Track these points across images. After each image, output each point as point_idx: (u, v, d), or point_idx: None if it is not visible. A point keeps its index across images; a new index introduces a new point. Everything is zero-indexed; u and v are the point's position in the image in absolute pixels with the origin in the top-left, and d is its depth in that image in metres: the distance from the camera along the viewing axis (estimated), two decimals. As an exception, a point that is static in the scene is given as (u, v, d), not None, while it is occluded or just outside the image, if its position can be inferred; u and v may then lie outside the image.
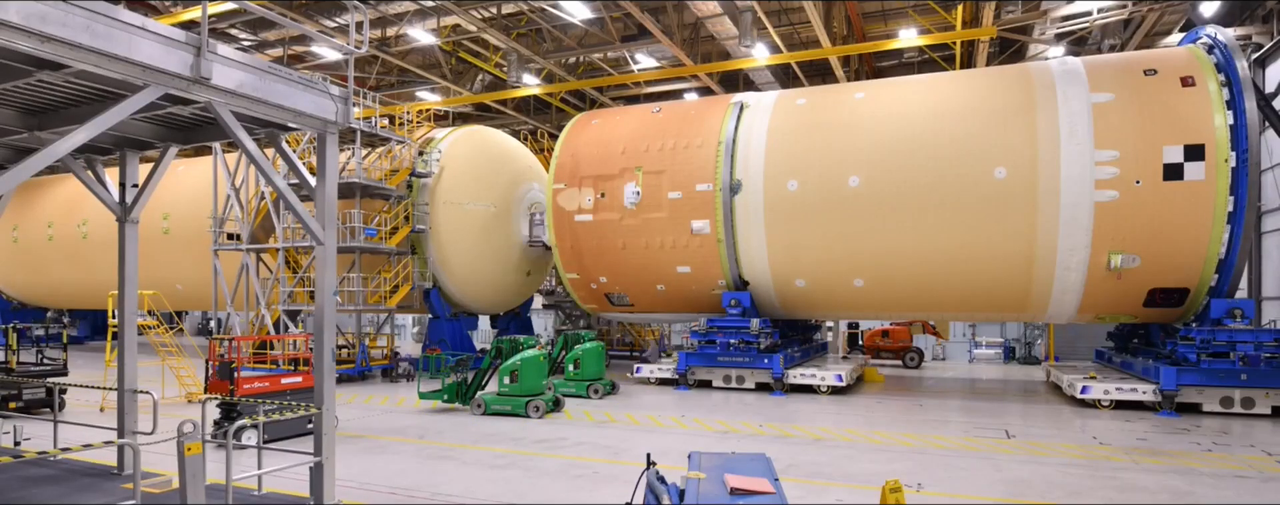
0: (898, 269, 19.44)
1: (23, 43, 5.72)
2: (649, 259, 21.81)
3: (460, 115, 36.58)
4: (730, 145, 20.59)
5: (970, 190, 18.22)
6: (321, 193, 8.50)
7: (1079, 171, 17.38)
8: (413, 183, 24.84)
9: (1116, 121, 17.38)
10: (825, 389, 19.82)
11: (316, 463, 8.28)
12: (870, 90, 20.87)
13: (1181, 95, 17.25)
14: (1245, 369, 16.00)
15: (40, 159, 6.41)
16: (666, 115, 22.68)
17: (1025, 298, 19.05)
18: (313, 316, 9.67)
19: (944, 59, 28.11)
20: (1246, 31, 23.49)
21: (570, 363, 19.66)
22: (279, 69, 7.82)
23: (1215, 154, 16.70)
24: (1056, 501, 9.64)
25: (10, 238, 34.23)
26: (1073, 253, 17.81)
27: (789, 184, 19.79)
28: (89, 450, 7.46)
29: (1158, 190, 17.00)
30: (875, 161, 19.08)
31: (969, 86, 19.69)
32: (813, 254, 20.00)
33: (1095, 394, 17.43)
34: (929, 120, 19.04)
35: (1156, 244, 17.29)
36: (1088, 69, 18.37)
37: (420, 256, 25.22)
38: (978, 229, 18.32)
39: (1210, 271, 17.23)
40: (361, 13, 9.49)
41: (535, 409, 16.02)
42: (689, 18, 25.35)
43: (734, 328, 20.42)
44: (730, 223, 20.44)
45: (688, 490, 8.51)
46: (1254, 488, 10.32)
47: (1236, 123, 16.67)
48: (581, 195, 22.33)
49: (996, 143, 18.13)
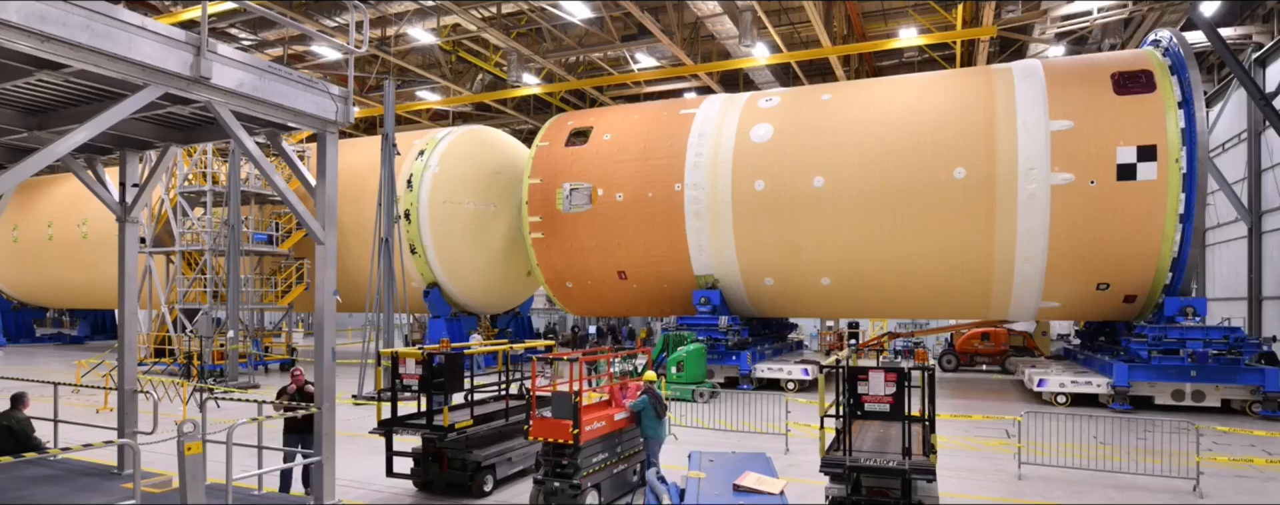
0: (863, 268, 19.86)
1: (22, 42, 5.71)
2: (621, 259, 22.28)
3: (460, 115, 36.57)
4: (696, 149, 21.05)
5: (931, 190, 18.60)
6: (321, 193, 8.50)
7: (1035, 171, 17.74)
8: (412, 181, 24.89)
9: (1072, 122, 17.73)
10: (792, 385, 20.14)
11: (316, 462, 8.27)
12: (837, 92, 21.32)
13: (1137, 97, 17.64)
14: (1194, 365, 16.41)
15: (40, 159, 6.40)
16: (641, 115, 23.12)
17: (987, 296, 19.47)
18: (312, 316, 9.65)
19: (944, 58, 28.10)
20: (1247, 31, 23.49)
21: (672, 365, 18.88)
22: (279, 68, 7.81)
23: (1166, 155, 17.04)
24: (1057, 500, 9.65)
25: (10, 237, 34.23)
26: (1030, 251, 18.19)
27: (756, 184, 20.16)
28: (89, 450, 7.45)
29: (1112, 190, 17.35)
30: (839, 162, 19.49)
31: (931, 88, 20.12)
32: (780, 253, 20.40)
33: (1051, 387, 17.89)
34: (891, 122, 19.47)
35: (1111, 242, 17.68)
36: (1047, 70, 18.82)
37: (419, 256, 25.24)
38: (939, 228, 18.70)
39: (1164, 269, 17.66)
40: (361, 12, 9.47)
41: (700, 395, 17.36)
42: (689, 17, 25.33)
43: (704, 325, 20.89)
44: (700, 224, 20.84)
45: (688, 490, 8.54)
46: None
47: (1187, 125, 17.05)
48: (556, 196, 22.60)
49: (956, 143, 18.52)
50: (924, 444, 7.60)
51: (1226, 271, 26.29)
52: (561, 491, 8.28)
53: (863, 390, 7.55)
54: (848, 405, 7.65)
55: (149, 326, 26.23)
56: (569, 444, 8.34)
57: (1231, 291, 25.67)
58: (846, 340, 32.01)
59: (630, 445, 9.52)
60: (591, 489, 8.51)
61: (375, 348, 18.11)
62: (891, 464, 7.20)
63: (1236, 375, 16.32)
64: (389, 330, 18.95)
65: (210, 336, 22.34)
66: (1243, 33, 23.56)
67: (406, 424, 9.90)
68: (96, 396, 17.91)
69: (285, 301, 25.67)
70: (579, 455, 8.39)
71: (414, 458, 10.00)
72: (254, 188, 24.22)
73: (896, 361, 26.98)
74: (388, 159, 19.00)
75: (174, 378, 19.72)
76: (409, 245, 25.00)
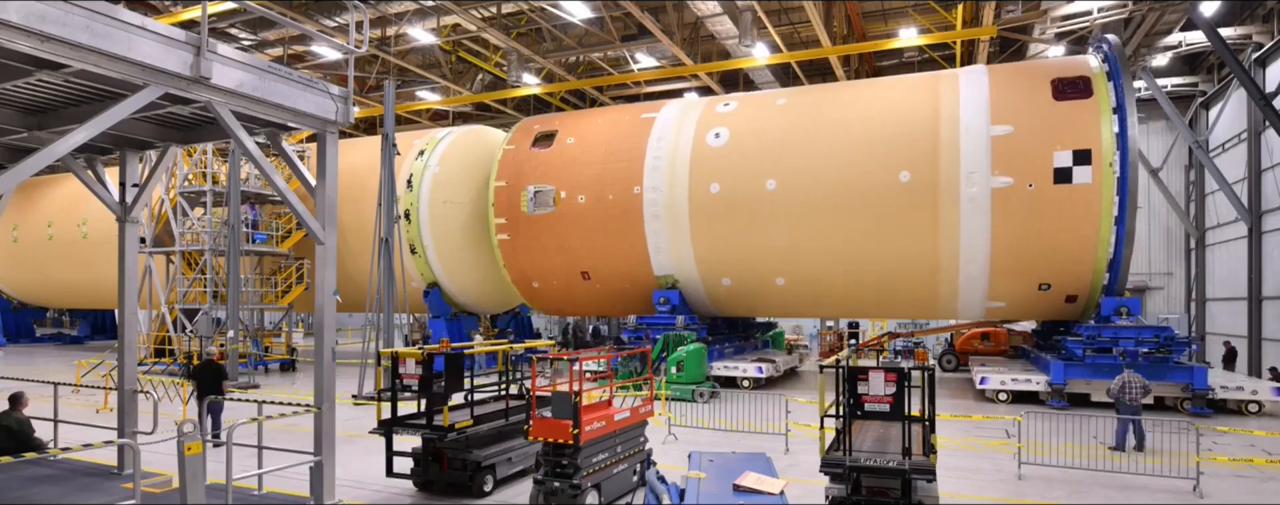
0: (815, 268, 20.36)
1: (22, 42, 5.71)
2: (583, 260, 22.73)
3: (460, 115, 36.57)
4: (655, 153, 21.54)
5: (878, 193, 19.08)
6: (322, 193, 8.50)
7: (976, 174, 18.21)
8: (412, 181, 24.90)
9: (1012, 127, 18.20)
10: (747, 383, 20.47)
11: (316, 462, 8.27)
12: (792, 98, 21.80)
13: (1074, 103, 18.12)
14: (1126, 364, 16.74)
15: (40, 159, 6.41)
16: (604, 119, 23.55)
17: (935, 295, 19.97)
18: (313, 316, 9.67)
19: (944, 58, 28.10)
20: (1247, 31, 23.48)
21: (672, 365, 18.91)
22: (279, 68, 7.81)
23: (1101, 159, 17.50)
24: (1057, 500, 9.65)
25: (10, 237, 34.22)
26: (973, 252, 18.68)
27: (712, 187, 20.64)
28: (89, 450, 7.45)
29: (1049, 193, 17.83)
30: (790, 166, 19.96)
31: (882, 94, 20.60)
32: (736, 254, 20.90)
33: (993, 385, 18.45)
34: (841, 126, 19.93)
35: (1049, 244, 18.15)
36: (991, 76, 19.32)
37: (419, 256, 25.24)
38: (886, 230, 19.18)
39: (1101, 270, 18.12)
40: (361, 12, 9.48)
41: (700, 395, 17.46)
42: (689, 17, 25.33)
43: (663, 325, 21.36)
44: (659, 226, 21.30)
45: (688, 490, 8.54)
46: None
47: (1121, 129, 17.51)
48: (521, 198, 22.99)
49: (902, 148, 18.99)
50: (924, 444, 7.60)
51: (1226, 271, 26.30)
52: (561, 491, 8.29)
53: (863, 390, 7.55)
54: (848, 405, 7.65)
55: (149, 326, 26.23)
56: (569, 444, 8.34)
57: (1231, 291, 25.69)
58: (846, 340, 32.00)
59: (630, 445, 9.53)
60: (591, 489, 8.50)
61: (375, 348, 18.12)
62: (891, 464, 7.20)
63: (1167, 373, 16.81)
64: (389, 330, 18.96)
65: (210, 336, 22.35)
66: (1243, 33, 23.56)
67: (406, 424, 9.90)
68: (96, 396, 17.91)
69: (285, 301, 25.70)
70: (579, 455, 8.38)
71: (414, 458, 10.00)
72: (254, 188, 24.25)
73: (896, 361, 26.97)
74: (388, 159, 19.01)
75: (174, 378, 19.73)
76: (409, 245, 25.00)
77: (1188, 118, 28.18)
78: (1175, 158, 29.79)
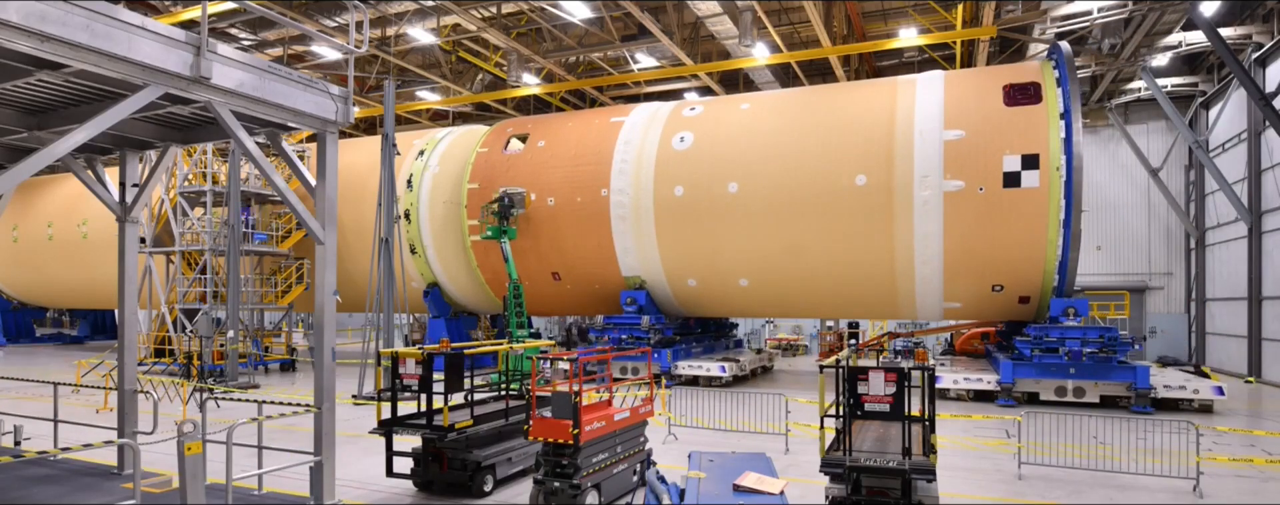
0: (777, 270, 20.67)
1: (22, 42, 5.72)
2: (554, 261, 23.01)
3: (460, 115, 36.57)
4: (622, 156, 21.87)
5: (835, 196, 19.39)
6: (322, 193, 8.50)
7: (929, 178, 18.53)
8: (412, 181, 24.90)
9: (964, 132, 18.52)
10: (712, 382, 20.84)
11: (316, 462, 8.28)
12: (755, 101, 22.14)
13: (1024, 108, 18.44)
14: (1072, 363, 17.38)
15: (40, 159, 6.41)
16: (575, 123, 23.75)
17: (893, 296, 20.35)
18: (313, 316, 9.66)
19: (944, 58, 28.10)
20: (1247, 31, 23.48)
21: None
22: (279, 68, 7.81)
23: (1048, 163, 17.79)
24: (1057, 500, 9.65)
25: (10, 237, 34.22)
26: (927, 254, 19.02)
27: (676, 189, 20.98)
28: (89, 450, 7.46)
29: (999, 197, 18.14)
30: (751, 169, 20.29)
31: (841, 98, 20.91)
32: (700, 255, 21.24)
33: (944, 383, 18.75)
34: (801, 130, 20.24)
35: (1000, 246, 18.47)
36: (947, 81, 19.64)
37: (419, 256, 25.24)
38: (844, 232, 19.50)
39: (1050, 271, 18.45)
40: (361, 12, 9.48)
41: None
42: (689, 17, 25.33)
43: (629, 325, 21.76)
44: (625, 228, 21.64)
45: (688, 490, 8.54)
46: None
47: (1067, 134, 17.80)
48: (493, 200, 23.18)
49: (858, 151, 19.30)
50: (924, 444, 7.59)
51: (1226, 271, 26.30)
52: (561, 491, 8.29)
53: (863, 390, 7.55)
54: (848, 405, 7.65)
55: (149, 326, 26.22)
56: (569, 444, 8.33)
57: (1231, 291, 25.69)
58: (846, 340, 31.99)
59: (630, 445, 9.53)
60: (591, 489, 8.50)
61: (375, 348, 18.12)
62: (891, 464, 7.20)
63: (1110, 372, 17.25)
64: (389, 330, 18.96)
65: (210, 336, 22.35)
66: (1243, 33, 23.55)
67: (406, 424, 9.90)
68: (96, 396, 17.92)
69: (285, 301, 25.71)
70: (579, 455, 8.37)
71: (414, 458, 9.99)
72: (254, 188, 24.26)
73: (896, 361, 26.73)
74: (388, 159, 19.02)
75: (174, 378, 19.73)
76: (409, 245, 25.00)
77: (1188, 118, 28.17)
78: (1175, 158, 29.79)
